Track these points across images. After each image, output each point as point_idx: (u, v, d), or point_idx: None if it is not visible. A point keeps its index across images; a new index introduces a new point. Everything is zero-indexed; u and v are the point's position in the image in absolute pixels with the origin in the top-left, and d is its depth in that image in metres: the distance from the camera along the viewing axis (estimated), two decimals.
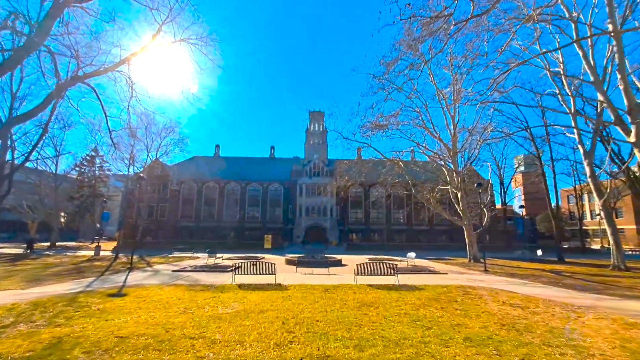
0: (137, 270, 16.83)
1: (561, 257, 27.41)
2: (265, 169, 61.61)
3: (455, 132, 25.44)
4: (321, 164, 56.09)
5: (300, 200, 54.27)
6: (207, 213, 56.50)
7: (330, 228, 52.38)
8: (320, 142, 64.02)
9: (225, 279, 13.67)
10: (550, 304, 8.97)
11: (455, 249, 47.65)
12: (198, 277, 14.26)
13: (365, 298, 9.68)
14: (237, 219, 55.96)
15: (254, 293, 10.46)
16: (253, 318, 6.96)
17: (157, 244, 47.96)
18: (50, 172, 39.07)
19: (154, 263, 20.95)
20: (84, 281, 12.92)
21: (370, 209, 56.76)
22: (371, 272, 13.18)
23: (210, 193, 57.28)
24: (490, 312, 7.78)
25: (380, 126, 23.27)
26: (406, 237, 55.60)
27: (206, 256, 22.40)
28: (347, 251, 38.16)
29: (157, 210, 55.66)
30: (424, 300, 9.25)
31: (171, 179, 56.04)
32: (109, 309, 7.73)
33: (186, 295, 9.75)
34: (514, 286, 12.59)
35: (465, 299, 9.50)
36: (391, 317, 7.10)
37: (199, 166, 60.20)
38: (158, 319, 6.75)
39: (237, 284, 12.37)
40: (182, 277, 14.41)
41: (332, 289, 11.41)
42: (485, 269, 18.38)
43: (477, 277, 15.46)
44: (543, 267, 21.64)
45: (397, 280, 13.12)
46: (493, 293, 10.73)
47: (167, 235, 52.84)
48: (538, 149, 29.88)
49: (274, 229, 53.81)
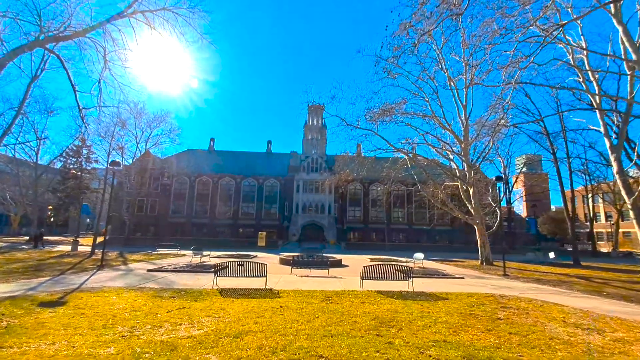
0: (107, 269, 14.56)
1: (577, 260, 25.45)
2: (261, 164, 59.26)
3: (466, 123, 23.32)
4: (319, 159, 53.89)
5: (297, 197, 52.05)
6: (199, 209, 54.06)
7: (327, 226, 50.21)
8: (318, 137, 61.73)
9: (206, 281, 11.44)
10: (625, 323, 6.86)
11: (457, 249, 45.79)
12: (174, 279, 12.01)
13: (379, 312, 7.51)
14: (231, 216, 53.56)
15: (237, 302, 8.25)
16: (224, 348, 4.74)
17: (146, 240, 45.57)
18: (31, 162, 36.49)
19: (132, 261, 18.66)
20: (32, 282, 10.62)
21: (369, 207, 54.64)
22: (379, 275, 11.00)
23: (204, 188, 54.84)
24: (559, 338, 5.64)
25: (387, 111, 21.04)
26: (406, 236, 53.59)
27: (198, 254, 20.11)
28: (346, 250, 36.03)
29: (147, 204, 53.16)
30: (457, 317, 7.09)
31: (163, 172, 53.51)
32: (19, 327, 5.48)
33: (147, 305, 7.52)
34: (553, 296, 10.48)
35: (510, 316, 7.35)
36: (428, 349, 4.91)
37: (192, 160, 57.61)
38: (78, 349, 4.52)
39: (219, 288, 10.16)
40: (156, 278, 12.16)
41: (334, 297, 9.23)
42: (504, 273, 16.30)
43: (501, 283, 13.35)
44: (565, 271, 19.63)
45: (410, 285, 10.97)
46: (537, 306, 8.59)
47: (157, 231, 50.43)
48: (553, 144, 27.86)
49: (270, 227, 51.57)
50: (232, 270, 10.76)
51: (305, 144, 60.79)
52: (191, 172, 55.39)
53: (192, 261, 18.93)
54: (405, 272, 11.27)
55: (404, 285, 11.33)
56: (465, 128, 23.27)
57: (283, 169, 56.75)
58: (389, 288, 10.99)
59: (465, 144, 22.99)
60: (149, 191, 53.20)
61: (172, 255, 23.22)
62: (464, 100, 23.78)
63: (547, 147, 28.42)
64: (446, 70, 23.26)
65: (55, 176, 44.23)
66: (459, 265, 21.42)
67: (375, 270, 11.03)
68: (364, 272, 10.95)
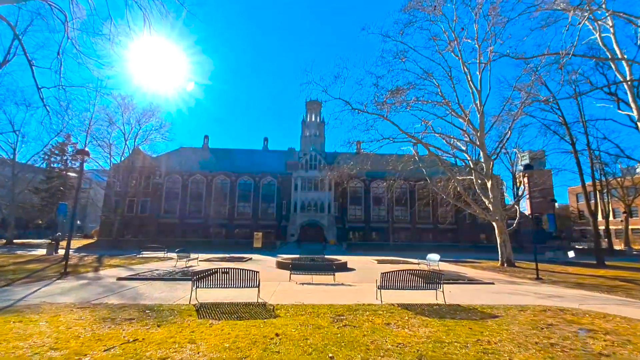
0: (71, 277, 12.16)
1: (601, 260, 23.36)
2: (257, 161, 56.81)
3: (482, 110, 21.15)
4: (318, 155, 51.53)
5: (295, 195, 49.72)
6: (193, 209, 51.53)
7: (327, 226, 47.91)
8: (317, 133, 59.55)
9: (184, 293, 9.12)
10: None
11: (463, 249, 43.61)
12: (144, 291, 9.66)
13: (417, 341, 5.25)
14: (226, 216, 51.11)
15: (216, 328, 5.94)
16: None
17: (135, 242, 43.03)
18: (8, 159, 33.89)
19: (107, 266, 16.25)
20: None
21: (371, 206, 52.41)
22: (400, 283, 8.71)
23: (197, 187, 52.33)
24: None
25: (398, 91, 18.75)
26: (409, 236, 51.42)
27: (184, 257, 17.68)
28: (348, 251, 33.76)
29: (137, 205, 50.59)
30: (536, 352, 4.83)
31: (154, 171, 51.00)
32: None
33: (83, 337, 5.20)
34: (626, 308, 8.26)
35: (611, 348, 5.09)
36: None
37: (185, 158, 55.14)
38: None
39: (197, 304, 7.85)
40: (123, 289, 9.80)
41: (348, 315, 6.96)
42: (537, 277, 14.10)
43: (543, 290, 11.12)
44: (597, 272, 17.53)
45: (439, 296, 8.72)
46: (627, 328, 6.36)
47: (148, 233, 47.87)
48: (571, 134, 25.77)
49: (267, 227, 49.21)
50: (217, 280, 8.43)
51: (304, 141, 58.56)
52: (184, 170, 52.93)
53: (176, 266, 16.57)
54: (431, 278, 8.99)
55: (430, 295, 9.08)
56: (480, 115, 21.09)
57: (280, 166, 54.41)
58: (413, 299, 8.74)
59: (481, 132, 20.81)
60: (139, 191, 50.63)
61: (157, 259, 20.82)
62: (478, 85, 21.64)
63: (556, 139, 26.24)
64: (460, 51, 21.10)
65: (37, 175, 41.56)
66: (476, 267, 19.21)
67: (395, 278, 8.74)
68: (382, 280, 8.66)
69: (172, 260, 18.95)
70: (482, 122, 21.20)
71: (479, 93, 21.49)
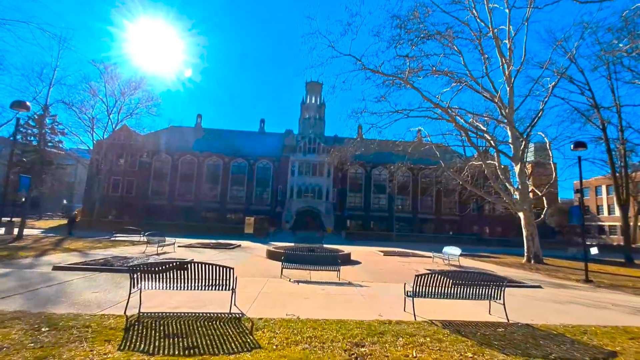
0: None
1: (630, 258, 21.03)
2: (253, 143, 53.59)
3: (512, 83, 18.19)
4: (317, 139, 48.41)
5: (291, 180, 46.87)
6: (183, 191, 48.60)
7: (325, 213, 45.29)
8: (317, 116, 56.28)
9: (125, 295, 6.28)
10: None
11: (466, 242, 41.25)
12: (74, 288, 6.84)
13: None
14: (217, 199, 48.28)
15: None
16: None
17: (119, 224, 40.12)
18: None
19: (59, 250, 13.40)
20: None
21: (371, 193, 49.76)
22: (438, 290, 5.93)
23: (187, 168, 49.21)
24: None
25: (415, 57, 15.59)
26: (410, 226, 49.05)
27: (156, 241, 14.84)
28: (347, 241, 31.19)
29: (123, 184, 47.48)
30: None
31: (142, 150, 47.62)
32: None
33: None
34: None
35: None
36: None
37: (176, 137, 51.76)
38: None
39: (134, 315, 5.07)
40: (46, 285, 6.97)
41: (372, 346, 4.25)
42: (586, 278, 11.49)
43: (610, 298, 8.49)
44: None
45: (495, 309, 6.00)
46: None
47: (134, 214, 44.93)
48: (602, 117, 22.98)
49: (261, 212, 46.47)
50: (169, 280, 5.58)
51: (302, 124, 55.37)
52: (174, 150, 49.63)
53: (145, 252, 13.76)
54: (488, 283, 6.20)
55: (478, 307, 6.38)
56: (510, 89, 18.14)
57: (277, 149, 51.29)
58: (458, 313, 6.04)
59: (510, 109, 17.90)
60: (125, 170, 47.47)
61: (130, 243, 17.99)
62: (508, 55, 18.61)
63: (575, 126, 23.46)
64: (490, 11, 17.94)
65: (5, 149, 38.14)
66: (498, 262, 16.64)
67: (434, 282, 5.95)
68: (416, 284, 5.87)
69: (148, 246, 16.10)
70: (512, 97, 18.29)
71: (508, 65, 18.48)
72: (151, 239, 14.20)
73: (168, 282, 5.53)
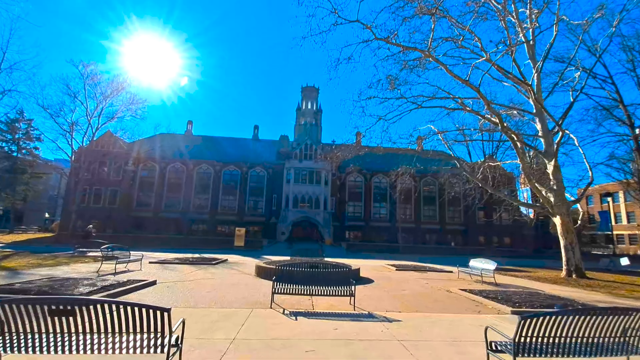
0: None
1: None
2: (246, 150, 50.87)
3: (540, 68, 15.88)
4: (314, 145, 45.87)
5: (287, 189, 44.00)
6: (170, 201, 45.31)
7: (323, 223, 42.28)
8: (313, 122, 54.17)
9: None
10: None
11: (472, 252, 38.37)
12: None
13: None
14: (207, 210, 45.05)
15: None
16: None
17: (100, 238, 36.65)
18: None
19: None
20: None
21: (371, 202, 46.98)
22: (562, 342, 3.11)
23: (176, 176, 46.14)
24: None
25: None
26: (413, 236, 46.10)
27: (142, 256, 11.89)
28: (349, 253, 28.20)
29: (105, 195, 44.11)
30: None
31: (126, 158, 44.64)
32: None
33: None
34: None
35: None
36: None
37: (163, 144, 48.74)
38: None
39: None
40: None
41: None
42: None
43: None
44: None
45: None
46: None
47: (117, 227, 41.45)
48: (630, 115, 20.83)
49: (254, 223, 43.45)
50: (48, 332, 2.71)
51: (298, 130, 53.16)
52: (161, 157, 46.62)
53: (99, 271, 10.73)
54: None
55: None
56: (537, 75, 15.80)
57: (271, 157, 48.59)
58: None
59: (538, 97, 15.50)
60: (108, 179, 44.22)
61: (91, 259, 14.89)
62: (530, 36, 16.39)
63: (621, 117, 21.27)
64: None
65: None
66: (535, 277, 13.85)
67: (549, 327, 3.13)
68: (521, 330, 3.07)
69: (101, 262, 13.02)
70: (539, 84, 15.95)
71: (531, 47, 16.22)
72: (108, 255, 11.19)
73: (38, 341, 2.65)
